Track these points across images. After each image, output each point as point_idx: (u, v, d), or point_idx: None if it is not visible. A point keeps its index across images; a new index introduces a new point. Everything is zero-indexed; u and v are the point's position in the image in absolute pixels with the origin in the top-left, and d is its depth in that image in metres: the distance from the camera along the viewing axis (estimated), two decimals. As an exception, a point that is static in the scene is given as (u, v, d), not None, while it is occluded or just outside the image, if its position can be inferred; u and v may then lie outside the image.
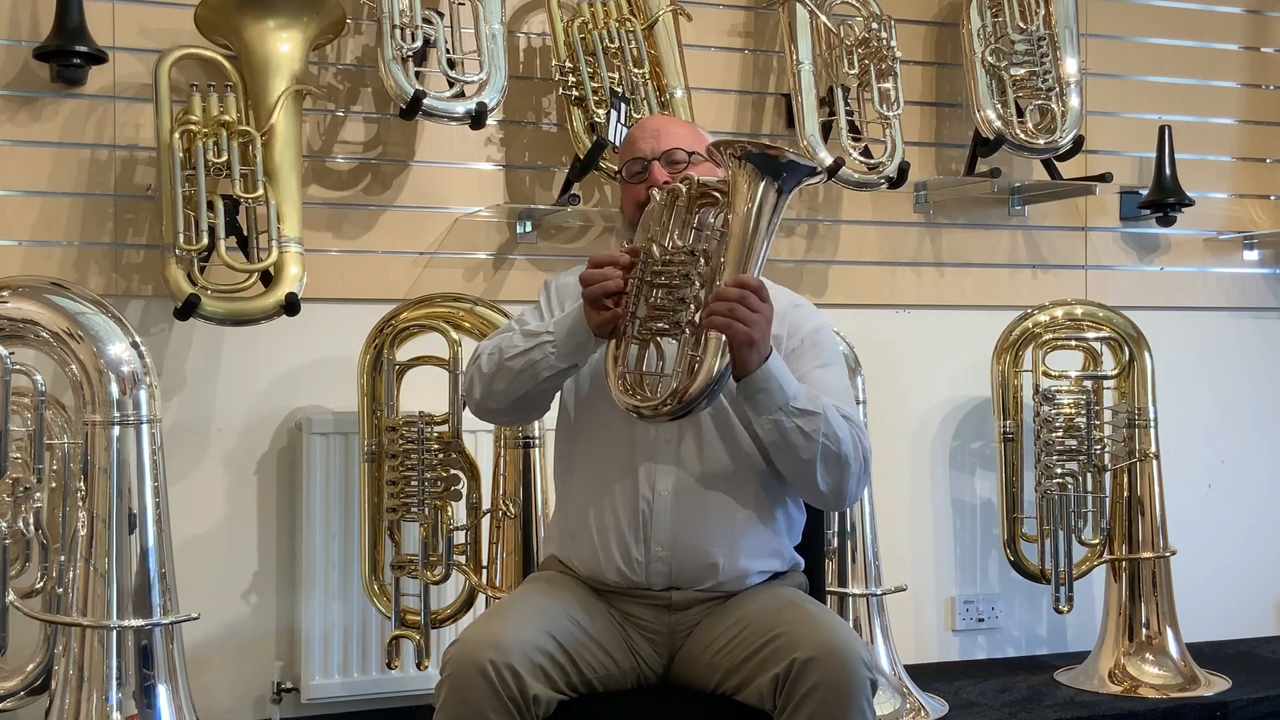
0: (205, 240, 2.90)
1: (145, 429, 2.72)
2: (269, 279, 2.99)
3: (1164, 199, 3.89)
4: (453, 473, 2.99)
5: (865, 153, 3.54)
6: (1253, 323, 4.23)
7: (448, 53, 3.16)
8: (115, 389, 2.69)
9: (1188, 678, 3.58)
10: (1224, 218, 4.17)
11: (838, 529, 3.38)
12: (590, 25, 3.29)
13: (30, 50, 3.03)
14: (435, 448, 3.00)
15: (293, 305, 2.98)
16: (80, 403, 2.72)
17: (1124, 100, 4.04)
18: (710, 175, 2.20)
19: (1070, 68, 3.67)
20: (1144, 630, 3.61)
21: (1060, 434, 3.58)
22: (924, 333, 3.86)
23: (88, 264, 3.11)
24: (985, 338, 3.72)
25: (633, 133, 2.47)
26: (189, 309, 2.89)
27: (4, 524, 2.79)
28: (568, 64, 3.25)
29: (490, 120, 3.23)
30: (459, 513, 3.05)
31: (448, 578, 3.01)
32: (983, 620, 3.91)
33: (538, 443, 3.06)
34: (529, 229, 3.46)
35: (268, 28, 3.02)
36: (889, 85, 3.55)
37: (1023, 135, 3.63)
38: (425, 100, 3.08)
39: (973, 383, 3.87)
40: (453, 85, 3.15)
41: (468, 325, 3.08)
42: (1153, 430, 3.65)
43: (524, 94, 3.44)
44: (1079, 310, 3.70)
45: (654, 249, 2.13)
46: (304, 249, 3.04)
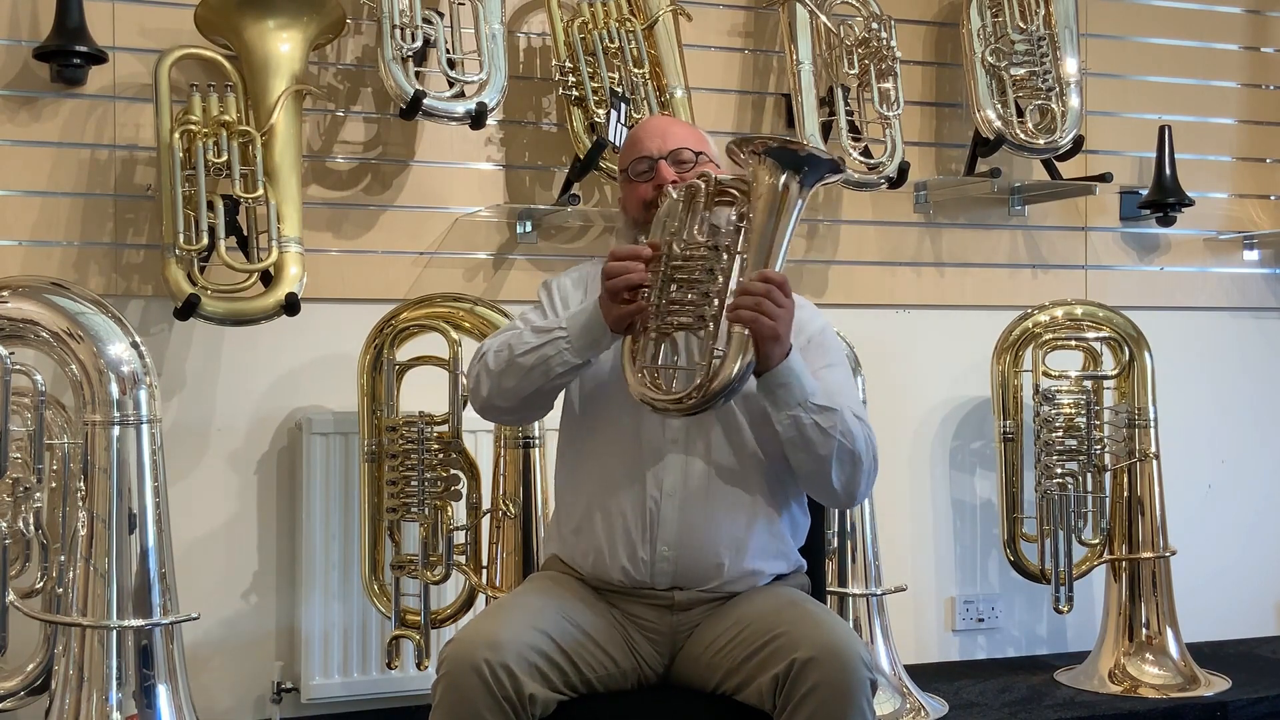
0: (205, 240, 2.90)
1: (145, 429, 2.71)
2: (269, 279, 2.99)
3: (1164, 199, 3.89)
4: (453, 473, 2.99)
5: (865, 153, 3.54)
6: (1253, 323, 4.23)
7: (448, 53, 3.16)
8: (115, 389, 2.69)
9: (1188, 678, 3.58)
10: (1224, 218, 4.17)
11: (838, 529, 3.38)
12: (590, 25, 3.29)
13: (30, 50, 3.03)
14: (435, 448, 3.00)
15: (293, 305, 2.98)
16: (80, 403, 2.72)
17: (1124, 100, 4.04)
18: (723, 175, 2.21)
19: (1070, 68, 3.67)
20: (1144, 630, 3.61)
21: (1060, 434, 3.58)
22: (924, 333, 3.86)
23: (88, 264, 3.11)
24: (985, 338, 3.72)
25: (636, 132, 2.47)
26: (189, 309, 2.89)
27: (4, 524, 2.79)
28: (568, 64, 3.24)
29: (490, 120, 3.23)
30: (459, 513, 3.05)
31: (448, 578, 3.01)
32: (983, 620, 3.91)
33: (538, 443, 3.06)
34: (529, 229, 3.45)
35: (268, 28, 3.02)
36: (889, 85, 3.55)
37: (1023, 135, 3.63)
38: (425, 100, 3.08)
39: (973, 383, 3.86)
40: (453, 85, 3.15)
41: (468, 325, 3.08)
42: (1153, 430, 3.65)
43: (524, 94, 3.44)
44: (1079, 310, 3.70)
45: (674, 244, 2.13)
46: (304, 249, 3.04)
